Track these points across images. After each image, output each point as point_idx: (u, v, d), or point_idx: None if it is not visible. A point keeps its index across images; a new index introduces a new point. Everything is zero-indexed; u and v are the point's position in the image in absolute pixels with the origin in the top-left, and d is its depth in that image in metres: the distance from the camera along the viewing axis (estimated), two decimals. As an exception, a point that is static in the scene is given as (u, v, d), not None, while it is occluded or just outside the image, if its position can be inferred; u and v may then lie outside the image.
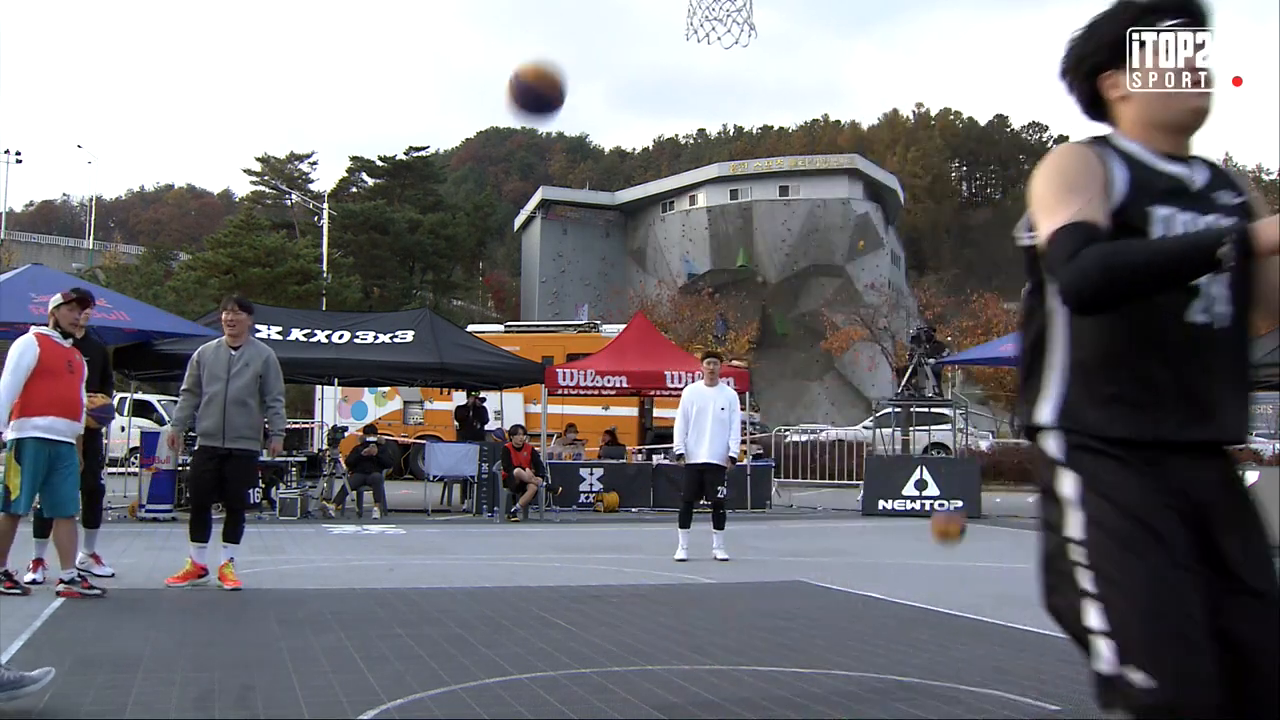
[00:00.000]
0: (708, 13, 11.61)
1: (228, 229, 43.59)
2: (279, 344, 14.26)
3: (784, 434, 26.16)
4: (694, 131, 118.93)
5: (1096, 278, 1.81)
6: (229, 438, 7.23)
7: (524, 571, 8.77)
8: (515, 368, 15.80)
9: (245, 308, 7.53)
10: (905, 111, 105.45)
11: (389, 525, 13.17)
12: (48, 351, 6.64)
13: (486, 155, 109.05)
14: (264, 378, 7.34)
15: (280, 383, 7.46)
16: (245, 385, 7.27)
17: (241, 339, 7.43)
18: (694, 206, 57.96)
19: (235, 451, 7.25)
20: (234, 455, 7.26)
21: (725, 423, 9.58)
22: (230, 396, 7.23)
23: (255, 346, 7.50)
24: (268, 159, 63.09)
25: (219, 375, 7.28)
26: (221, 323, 7.58)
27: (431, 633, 5.67)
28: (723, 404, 9.60)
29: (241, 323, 7.42)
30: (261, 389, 7.34)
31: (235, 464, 7.28)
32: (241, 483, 7.32)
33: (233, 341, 7.40)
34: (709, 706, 4.18)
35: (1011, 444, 28.17)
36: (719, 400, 9.60)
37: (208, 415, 7.29)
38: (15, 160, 71.62)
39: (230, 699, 4.18)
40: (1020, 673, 4.82)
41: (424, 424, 25.28)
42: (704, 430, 9.50)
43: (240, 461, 7.30)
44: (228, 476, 7.28)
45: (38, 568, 7.29)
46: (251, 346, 7.46)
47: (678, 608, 6.63)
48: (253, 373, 7.30)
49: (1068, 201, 1.91)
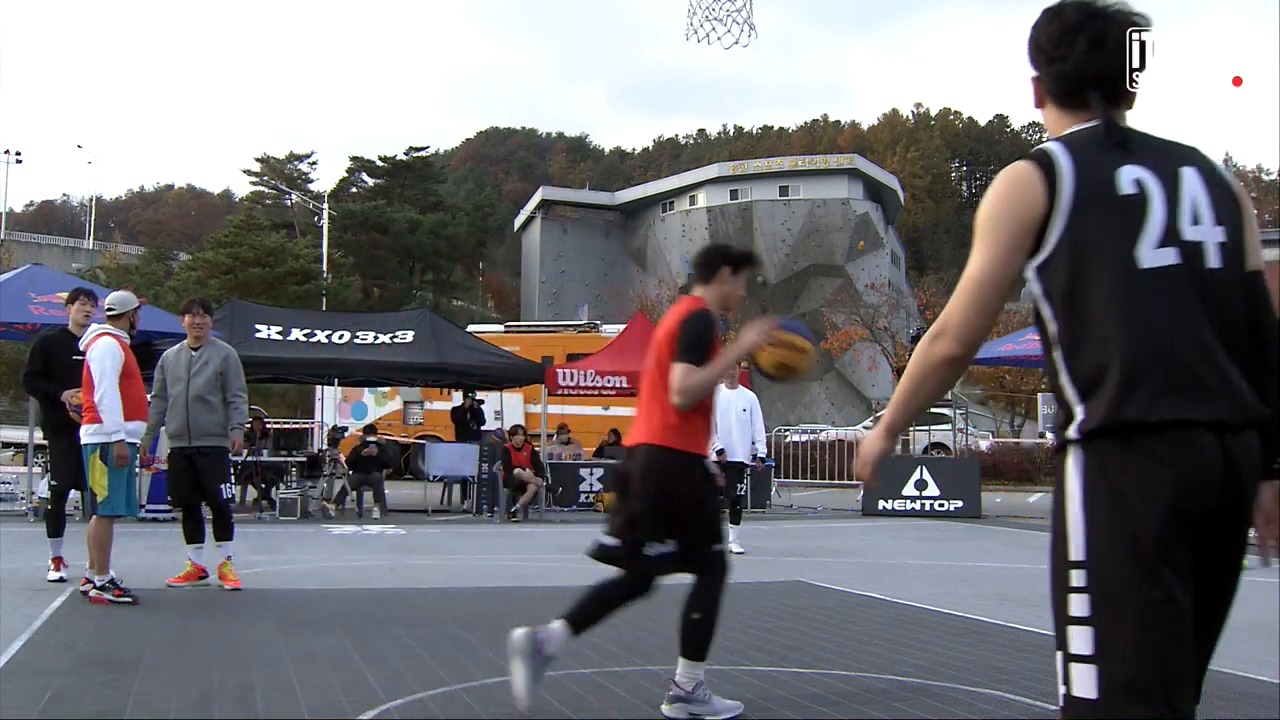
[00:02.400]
0: (708, 13, 11.60)
1: (228, 229, 43.60)
2: (279, 344, 14.27)
3: (784, 434, 26.16)
4: (694, 131, 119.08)
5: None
6: (195, 436, 7.30)
7: (524, 571, 8.77)
8: (515, 368, 15.79)
9: (208, 309, 7.68)
10: (905, 111, 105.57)
11: (389, 525, 13.17)
12: (127, 354, 6.69)
13: (486, 155, 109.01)
14: (224, 374, 7.42)
15: (241, 379, 7.54)
16: (206, 382, 7.34)
17: (203, 340, 7.52)
18: (694, 206, 57.95)
19: (203, 449, 7.30)
20: (201, 452, 7.30)
21: (747, 423, 10.13)
22: (192, 395, 7.30)
23: (215, 345, 7.62)
24: (268, 159, 63.09)
25: (180, 376, 7.38)
26: (185, 326, 7.64)
27: (431, 633, 5.67)
28: (744, 405, 10.17)
29: (206, 324, 7.55)
30: (223, 385, 7.40)
31: (204, 461, 7.32)
32: (213, 479, 7.34)
33: (194, 343, 7.49)
34: (709, 706, 4.18)
35: (1011, 444, 28.21)
36: (740, 402, 10.13)
37: (173, 417, 7.38)
38: (15, 160, 71.74)
39: (230, 699, 4.18)
40: (1020, 673, 4.82)
41: (424, 424, 25.27)
42: (729, 431, 9.92)
43: (209, 458, 7.34)
44: (199, 474, 7.32)
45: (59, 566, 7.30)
46: (211, 346, 7.57)
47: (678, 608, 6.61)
48: (213, 370, 7.38)
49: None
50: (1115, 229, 1.92)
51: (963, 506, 15.67)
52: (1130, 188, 1.93)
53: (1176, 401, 1.85)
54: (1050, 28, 2.08)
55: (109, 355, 6.58)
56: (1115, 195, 1.93)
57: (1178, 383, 1.86)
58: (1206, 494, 1.84)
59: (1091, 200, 1.93)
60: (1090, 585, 1.86)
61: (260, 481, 14.93)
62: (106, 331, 6.76)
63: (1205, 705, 4.53)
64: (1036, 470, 25.34)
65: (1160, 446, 1.84)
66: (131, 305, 7.04)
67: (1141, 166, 1.95)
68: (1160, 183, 1.95)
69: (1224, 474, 1.85)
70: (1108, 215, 1.93)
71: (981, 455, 23.97)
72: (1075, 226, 1.92)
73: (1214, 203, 1.99)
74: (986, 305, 2.02)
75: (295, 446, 15.18)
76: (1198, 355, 1.88)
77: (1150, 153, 2.00)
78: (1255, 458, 1.90)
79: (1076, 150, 1.97)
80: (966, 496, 15.82)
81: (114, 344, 6.66)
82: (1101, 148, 1.98)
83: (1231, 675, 4.85)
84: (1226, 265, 1.96)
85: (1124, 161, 1.96)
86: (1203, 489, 1.84)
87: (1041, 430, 34.27)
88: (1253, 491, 1.91)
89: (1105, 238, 1.92)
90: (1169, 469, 1.83)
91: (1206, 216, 1.97)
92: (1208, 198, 1.98)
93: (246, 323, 14.43)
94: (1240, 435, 1.88)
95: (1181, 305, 1.90)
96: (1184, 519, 1.83)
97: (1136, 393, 1.85)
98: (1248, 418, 1.89)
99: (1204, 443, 1.84)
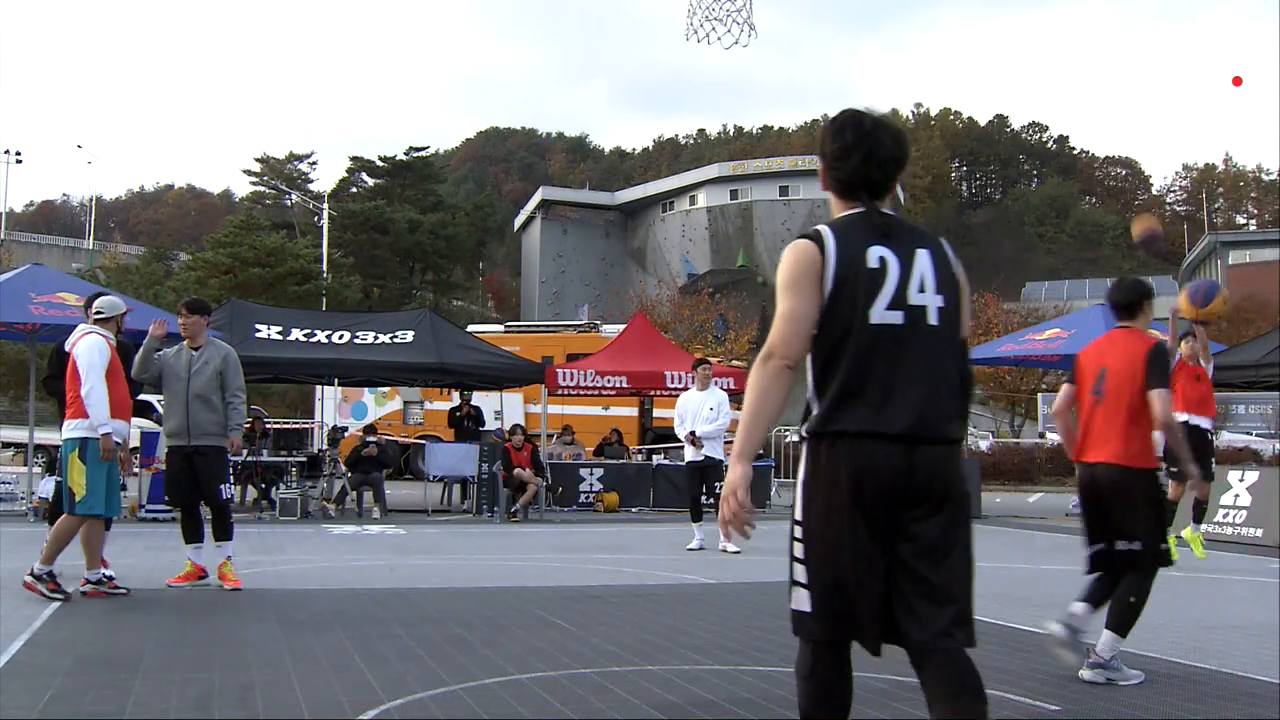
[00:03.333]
0: (708, 13, 11.61)
1: (228, 229, 43.55)
2: (279, 344, 14.27)
3: (784, 434, 26.16)
4: (694, 131, 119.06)
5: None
6: (194, 435, 7.28)
7: (524, 571, 8.77)
8: (515, 368, 15.79)
9: (194, 309, 7.61)
10: (905, 111, 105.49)
11: (389, 525, 13.17)
12: (113, 353, 6.71)
13: (486, 155, 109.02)
14: (224, 374, 7.40)
15: (240, 379, 7.53)
16: (206, 382, 7.33)
17: (200, 339, 7.50)
18: (694, 207, 57.98)
19: (201, 448, 7.29)
20: (200, 451, 7.29)
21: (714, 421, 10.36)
22: (192, 394, 7.29)
23: (215, 345, 7.61)
24: (267, 159, 63.13)
25: (180, 375, 7.36)
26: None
27: (431, 633, 5.67)
28: (711, 404, 10.35)
29: (194, 324, 7.49)
30: (222, 384, 7.40)
31: (202, 460, 7.30)
32: (212, 479, 7.32)
33: (192, 343, 7.48)
34: (709, 706, 4.19)
35: (1011, 444, 28.22)
36: (708, 401, 10.33)
37: (172, 415, 7.37)
38: (15, 160, 71.78)
39: (230, 699, 4.18)
40: (1020, 673, 4.82)
41: (424, 424, 25.28)
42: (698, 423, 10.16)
43: (207, 458, 7.32)
44: (198, 473, 7.31)
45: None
46: (211, 345, 7.56)
47: (678, 608, 6.63)
48: (213, 370, 7.37)
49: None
50: (860, 292, 2.60)
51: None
52: (875, 262, 2.62)
53: (870, 419, 2.56)
54: (833, 144, 2.74)
55: (96, 350, 6.61)
56: (864, 268, 2.61)
57: (875, 406, 2.57)
58: (882, 485, 2.55)
59: (847, 270, 2.61)
60: (805, 536, 2.63)
61: (260, 481, 14.93)
62: (93, 330, 6.80)
63: (1205, 705, 4.54)
64: (1036, 470, 25.33)
65: (853, 447, 2.57)
66: (120, 310, 7.08)
67: (887, 247, 2.64)
68: (899, 260, 2.64)
69: (899, 472, 2.55)
70: (857, 282, 2.61)
71: (981, 455, 23.96)
72: (835, 288, 2.61)
73: (938, 278, 2.67)
74: (801, 333, 2.64)
75: (295, 446, 15.16)
76: (897, 389, 2.57)
77: (898, 236, 2.67)
78: (941, 463, 2.60)
79: (840, 233, 2.67)
80: (966, 496, 15.80)
81: (101, 340, 6.71)
82: (860, 231, 2.67)
83: (1231, 675, 4.85)
84: (943, 324, 2.65)
85: (874, 242, 2.64)
86: (879, 482, 2.55)
87: (1041, 431, 34.31)
88: (936, 485, 2.58)
89: (852, 297, 2.60)
90: (855, 464, 2.56)
91: (930, 287, 2.65)
92: (934, 274, 2.66)
93: (246, 323, 14.43)
94: (926, 447, 2.57)
95: (895, 352, 2.59)
96: (864, 500, 2.55)
97: (843, 410, 2.59)
98: (931, 436, 2.58)
99: (886, 450, 2.55)
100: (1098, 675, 4.63)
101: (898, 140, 2.76)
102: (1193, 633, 6.05)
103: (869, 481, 2.55)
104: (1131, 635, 4.71)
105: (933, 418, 2.59)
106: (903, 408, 2.56)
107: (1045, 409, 35.43)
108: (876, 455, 2.55)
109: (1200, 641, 5.74)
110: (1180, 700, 4.35)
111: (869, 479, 2.55)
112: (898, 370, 2.58)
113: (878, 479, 2.54)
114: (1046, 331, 17.92)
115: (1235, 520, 12.15)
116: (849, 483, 2.55)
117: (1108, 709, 4.19)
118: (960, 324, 2.71)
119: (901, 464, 2.55)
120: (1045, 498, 21.61)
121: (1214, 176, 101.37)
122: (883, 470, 2.54)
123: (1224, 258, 64.62)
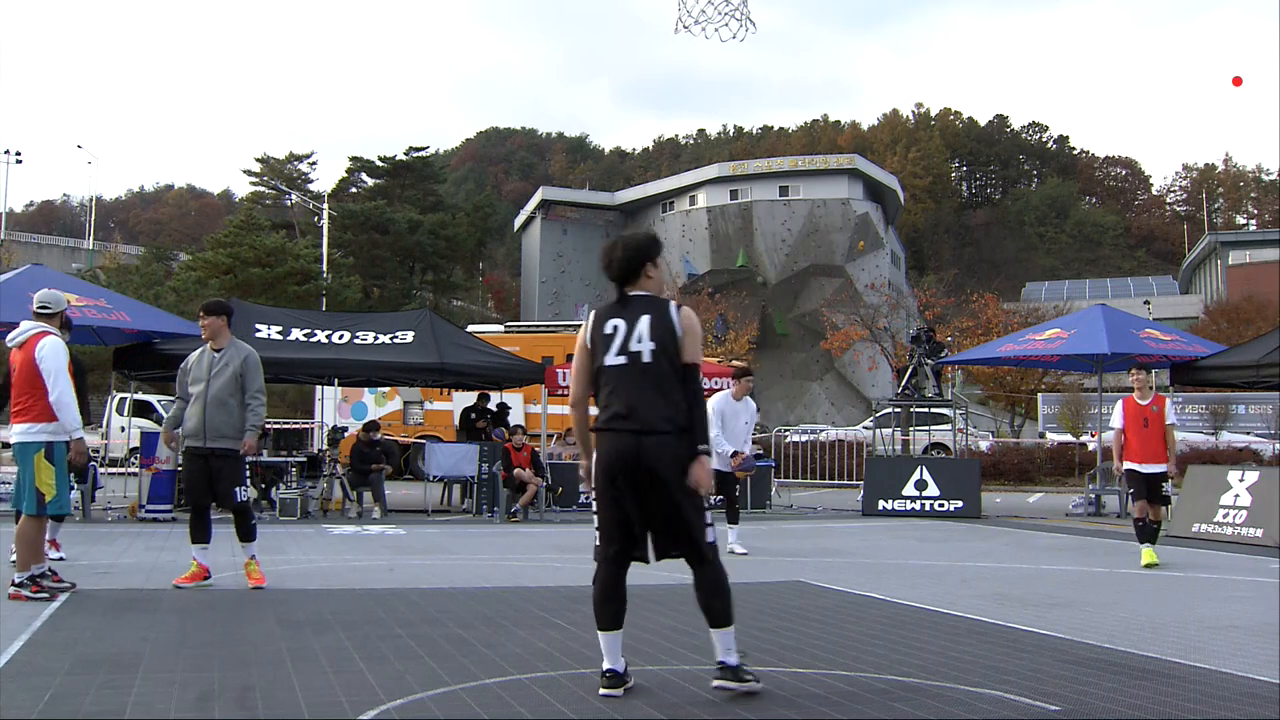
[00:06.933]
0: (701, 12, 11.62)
1: (228, 229, 43.58)
2: (279, 344, 14.26)
3: (784, 434, 26.16)
4: (694, 131, 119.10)
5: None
6: (210, 437, 7.25)
7: (524, 571, 8.77)
8: (515, 368, 15.79)
9: (212, 310, 7.53)
10: (905, 111, 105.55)
11: (389, 525, 13.17)
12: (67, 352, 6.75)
13: (486, 155, 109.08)
14: (243, 376, 7.36)
15: (259, 380, 7.46)
16: (225, 384, 7.29)
17: (222, 340, 7.45)
18: (694, 207, 57.90)
19: (218, 450, 7.26)
20: (216, 454, 7.26)
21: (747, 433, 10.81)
22: (211, 396, 7.26)
23: (237, 346, 7.53)
24: (267, 159, 63.10)
25: (201, 377, 7.34)
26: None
27: (431, 633, 5.67)
28: (747, 418, 10.68)
29: (211, 326, 7.43)
30: (241, 386, 7.37)
31: (219, 463, 7.27)
32: (228, 481, 7.29)
33: (214, 345, 7.44)
34: (709, 706, 4.19)
35: (1011, 444, 28.18)
36: (744, 414, 10.62)
37: (190, 416, 7.34)
38: (15, 160, 71.72)
39: (230, 699, 4.18)
40: (1020, 673, 4.82)
41: (424, 424, 25.29)
42: (735, 438, 10.40)
43: (223, 460, 7.29)
44: (214, 476, 7.29)
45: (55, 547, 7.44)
46: (233, 347, 7.49)
47: (678, 608, 6.62)
48: (232, 372, 7.33)
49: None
50: (601, 347, 4.36)
51: (963, 507, 15.66)
52: (609, 328, 4.36)
53: (616, 419, 4.27)
54: (601, 260, 4.54)
55: (61, 355, 6.66)
56: (603, 332, 4.38)
57: (617, 412, 4.28)
58: (624, 461, 4.22)
59: (596, 334, 4.40)
60: (596, 495, 4.36)
61: (260, 481, 14.92)
62: (49, 331, 6.81)
63: (1205, 705, 4.53)
64: (1036, 470, 25.31)
65: (609, 436, 4.28)
66: (63, 305, 7.06)
67: (620, 317, 4.36)
68: (626, 324, 4.33)
69: (635, 453, 4.21)
70: (602, 341, 4.37)
71: (981, 455, 23.94)
72: (592, 346, 4.42)
73: (652, 331, 4.29)
74: (584, 382, 4.47)
75: (295, 446, 15.11)
76: (627, 402, 4.26)
77: (631, 308, 4.36)
78: (665, 448, 4.20)
79: (598, 310, 4.44)
80: (966, 497, 15.80)
81: (62, 345, 6.76)
82: (606, 310, 4.43)
83: (1231, 675, 4.85)
84: (656, 361, 4.27)
85: (613, 315, 4.38)
86: (622, 459, 4.23)
87: (1041, 430, 34.28)
88: (661, 464, 4.19)
89: (598, 351, 4.38)
90: (609, 447, 4.27)
91: (645, 338, 4.29)
92: (649, 329, 4.29)
93: (247, 323, 14.40)
94: (652, 436, 4.20)
95: (623, 382, 4.29)
96: (612, 471, 4.25)
97: (603, 414, 4.32)
98: (654, 429, 4.21)
99: (626, 439, 4.23)
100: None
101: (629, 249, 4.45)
102: (1193, 633, 6.04)
103: (616, 457, 4.23)
104: (1132, 635, 4.70)
105: (648, 418, 4.22)
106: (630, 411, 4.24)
107: (1045, 409, 35.43)
108: (620, 441, 4.24)
109: (1200, 641, 5.74)
110: (1180, 700, 4.35)
111: (616, 456, 4.23)
112: (626, 390, 4.27)
113: (622, 456, 4.22)
114: (1046, 331, 17.93)
115: (1235, 520, 12.14)
116: (606, 459, 4.27)
117: (1108, 709, 4.19)
118: (674, 357, 4.28)
119: (634, 446, 4.21)
120: (1045, 498, 21.60)
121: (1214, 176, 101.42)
122: (624, 450, 4.23)
123: (1224, 258, 64.55)
